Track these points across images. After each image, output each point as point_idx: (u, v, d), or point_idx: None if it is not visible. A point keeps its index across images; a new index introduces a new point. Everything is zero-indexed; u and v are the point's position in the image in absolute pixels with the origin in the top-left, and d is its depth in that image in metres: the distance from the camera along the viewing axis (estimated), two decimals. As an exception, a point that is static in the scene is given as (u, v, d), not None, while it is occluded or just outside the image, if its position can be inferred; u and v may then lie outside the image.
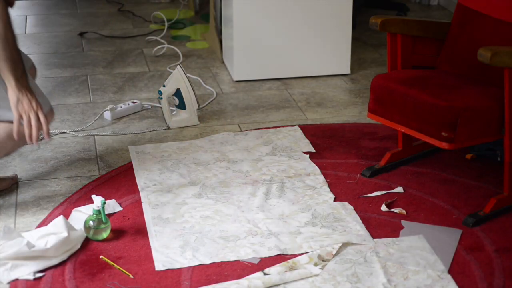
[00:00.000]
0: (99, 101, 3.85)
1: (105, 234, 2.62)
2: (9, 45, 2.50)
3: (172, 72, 3.56)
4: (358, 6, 4.88)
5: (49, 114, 2.72)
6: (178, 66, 3.52)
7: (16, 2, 2.92)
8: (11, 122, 2.59)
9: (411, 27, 3.05)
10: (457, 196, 2.94)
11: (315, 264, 2.48)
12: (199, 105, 3.62)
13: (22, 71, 2.54)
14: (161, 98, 3.49)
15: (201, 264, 2.50)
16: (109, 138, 3.45)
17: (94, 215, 2.60)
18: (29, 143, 2.53)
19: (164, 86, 3.49)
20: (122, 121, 3.64)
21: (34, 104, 2.53)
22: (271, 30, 4.06)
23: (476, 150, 3.20)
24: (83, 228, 2.64)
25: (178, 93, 3.53)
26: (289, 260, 2.50)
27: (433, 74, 2.99)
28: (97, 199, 2.69)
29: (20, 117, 2.51)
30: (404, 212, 2.82)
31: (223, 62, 4.40)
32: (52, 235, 2.52)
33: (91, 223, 2.60)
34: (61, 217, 2.61)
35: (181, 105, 3.56)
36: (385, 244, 2.61)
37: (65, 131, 3.49)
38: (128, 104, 3.72)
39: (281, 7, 4.02)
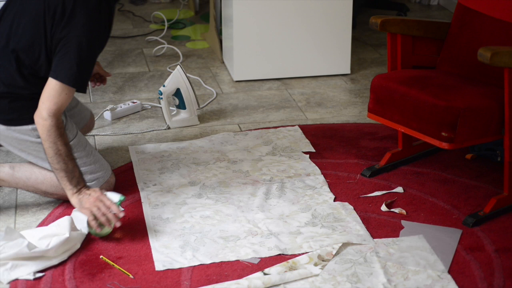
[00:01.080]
0: (99, 101, 3.85)
1: (108, 229, 2.62)
2: (62, 158, 2.62)
3: (172, 72, 3.56)
4: (358, 6, 4.88)
5: (91, 120, 3.00)
6: (178, 66, 3.52)
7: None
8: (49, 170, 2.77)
9: (411, 27, 3.05)
10: (457, 196, 2.94)
11: (315, 264, 2.48)
12: (199, 105, 3.62)
13: (78, 176, 2.65)
14: (161, 98, 3.49)
15: (201, 264, 2.50)
16: (109, 138, 3.45)
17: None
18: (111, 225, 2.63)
19: (164, 86, 3.49)
20: (122, 121, 3.64)
21: (96, 195, 2.62)
22: (271, 30, 4.06)
23: (476, 150, 3.20)
24: (83, 229, 2.64)
25: (178, 93, 3.53)
26: (289, 260, 2.50)
27: (433, 74, 2.99)
28: (115, 196, 2.67)
29: (93, 215, 2.60)
30: (404, 212, 2.82)
31: (223, 62, 4.40)
32: (55, 236, 2.52)
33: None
34: (65, 218, 2.60)
35: (181, 105, 3.56)
36: (385, 244, 2.61)
37: (65, 131, 3.49)
38: (128, 104, 3.72)
39: (281, 7, 4.02)
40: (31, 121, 2.68)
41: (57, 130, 2.61)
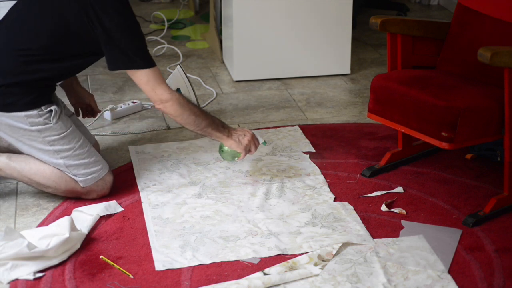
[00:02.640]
0: (99, 101, 3.85)
1: (237, 158, 2.94)
2: (201, 115, 2.83)
3: (172, 72, 3.55)
4: (358, 6, 4.88)
5: (96, 146, 3.09)
6: (178, 66, 3.51)
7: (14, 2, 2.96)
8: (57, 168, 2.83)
9: (411, 27, 3.05)
10: (457, 196, 2.94)
11: (315, 264, 2.48)
12: (199, 105, 3.61)
13: (218, 122, 2.89)
14: None
15: (201, 264, 2.50)
16: (109, 138, 3.45)
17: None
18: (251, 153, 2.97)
19: None
20: (122, 121, 3.64)
21: (249, 137, 2.91)
22: (271, 30, 4.06)
23: (476, 150, 3.20)
24: (83, 229, 2.64)
25: None
26: (289, 260, 2.50)
27: (433, 74, 2.99)
28: (260, 138, 2.96)
29: (246, 150, 2.93)
30: (404, 212, 2.82)
31: (223, 62, 4.40)
32: (55, 236, 2.52)
33: (225, 148, 2.91)
34: (66, 218, 2.61)
35: None
36: (385, 244, 2.61)
37: (65, 131, 3.49)
38: (128, 104, 3.72)
39: (281, 7, 4.02)
40: (25, 108, 2.71)
41: (183, 98, 2.80)
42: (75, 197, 2.87)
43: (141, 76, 2.74)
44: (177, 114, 2.77)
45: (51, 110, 2.76)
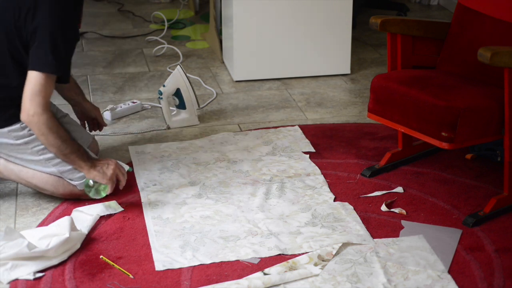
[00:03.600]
0: (99, 101, 3.85)
1: (103, 193, 2.76)
2: (68, 142, 2.70)
3: (172, 72, 3.55)
4: (358, 6, 4.88)
5: (94, 145, 3.07)
6: (178, 66, 3.51)
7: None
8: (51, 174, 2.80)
9: (411, 27, 3.05)
10: (457, 196, 2.94)
11: (315, 264, 2.48)
12: (199, 105, 3.62)
13: (83, 151, 2.76)
14: (161, 98, 3.49)
15: (201, 264, 2.50)
16: (109, 138, 3.45)
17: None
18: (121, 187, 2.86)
19: (164, 86, 3.49)
20: (122, 121, 3.64)
21: (114, 167, 2.78)
22: (271, 30, 4.06)
23: (476, 150, 3.20)
24: (83, 229, 2.64)
25: (178, 93, 3.53)
26: (289, 260, 2.50)
27: (433, 74, 2.99)
28: (124, 166, 2.83)
29: (112, 181, 2.79)
30: (404, 212, 2.82)
31: (223, 62, 4.40)
32: (55, 236, 2.52)
33: (91, 182, 2.75)
34: (66, 218, 2.60)
35: (181, 105, 3.56)
36: (385, 244, 2.61)
37: (65, 131, 3.49)
38: (128, 104, 3.72)
39: (281, 7, 4.02)
40: (6, 124, 2.70)
41: (54, 120, 2.65)
42: (75, 198, 2.87)
43: (34, 76, 2.59)
44: (41, 134, 2.63)
45: None
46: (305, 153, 3.29)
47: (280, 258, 2.53)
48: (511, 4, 2.94)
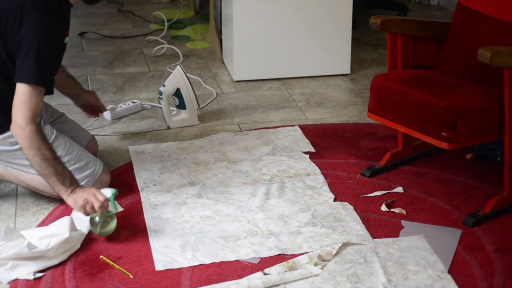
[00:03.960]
0: (99, 101, 3.85)
1: (113, 225, 2.58)
2: (49, 162, 2.59)
3: (172, 72, 3.55)
4: (358, 6, 4.88)
5: (93, 143, 3.03)
6: (178, 66, 3.51)
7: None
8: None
9: (411, 27, 3.05)
10: (457, 196, 2.94)
11: (315, 264, 2.48)
12: (199, 105, 3.62)
13: (68, 177, 2.63)
14: (161, 98, 3.49)
15: (201, 264, 2.50)
16: (109, 138, 3.45)
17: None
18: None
19: (164, 86, 3.49)
20: (122, 121, 3.64)
21: (86, 195, 2.60)
22: (271, 30, 4.06)
23: (476, 150, 3.20)
24: (83, 229, 2.64)
25: (178, 93, 3.53)
26: (289, 260, 2.50)
27: (433, 74, 2.99)
28: (107, 191, 2.66)
29: (83, 210, 2.61)
30: (404, 212, 2.82)
31: (223, 62, 4.40)
32: (55, 236, 2.52)
33: (97, 218, 2.57)
34: (66, 218, 2.60)
35: (181, 105, 3.56)
36: (385, 244, 2.61)
37: (65, 131, 3.49)
38: (128, 104, 3.72)
39: (281, 7, 4.02)
40: (0, 131, 2.69)
41: (38, 135, 2.58)
42: None
43: (21, 88, 2.56)
44: (25, 146, 2.58)
45: None
46: (305, 153, 3.29)
47: (280, 258, 2.53)
48: (511, 4, 2.94)
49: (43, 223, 2.74)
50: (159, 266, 2.49)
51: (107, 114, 3.64)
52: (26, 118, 2.55)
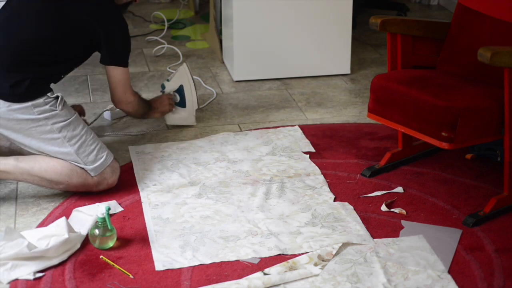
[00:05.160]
0: (99, 101, 3.86)
1: (111, 243, 2.58)
2: (142, 105, 3.30)
3: (175, 71, 3.55)
4: (358, 6, 4.88)
5: (113, 168, 2.98)
6: (185, 63, 3.52)
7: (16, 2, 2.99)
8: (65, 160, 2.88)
9: (411, 27, 3.05)
10: (457, 196, 2.94)
11: (315, 264, 2.48)
12: (198, 106, 3.61)
13: (144, 101, 3.32)
14: (163, 91, 3.49)
15: (201, 264, 2.50)
16: (109, 138, 3.45)
17: (100, 223, 2.56)
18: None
19: (168, 80, 3.49)
20: (122, 121, 3.64)
21: (164, 105, 3.44)
22: (271, 30, 4.06)
23: (476, 150, 3.20)
24: (82, 231, 2.64)
25: (180, 90, 3.53)
26: (289, 260, 2.50)
27: (433, 74, 2.99)
28: (102, 206, 2.68)
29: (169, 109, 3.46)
30: (404, 212, 2.82)
31: (223, 62, 4.40)
32: (54, 236, 2.52)
33: (97, 231, 2.56)
34: (63, 219, 2.61)
35: (181, 103, 3.55)
36: (385, 244, 2.61)
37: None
38: (128, 104, 3.71)
39: (281, 7, 4.02)
40: (31, 98, 2.79)
41: (139, 97, 3.25)
42: (86, 192, 2.87)
43: (119, 74, 3.05)
44: (134, 110, 3.22)
45: (57, 97, 2.86)
46: (305, 153, 3.29)
47: (280, 258, 2.53)
48: (511, 4, 2.94)
49: (43, 223, 2.74)
50: (159, 266, 2.49)
51: (107, 114, 3.64)
52: (132, 92, 3.16)
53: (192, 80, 3.51)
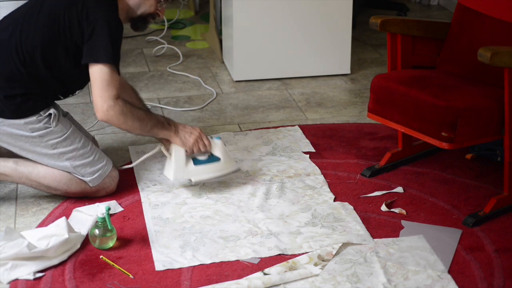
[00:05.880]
0: (99, 101, 3.85)
1: (111, 243, 2.58)
2: (145, 119, 2.77)
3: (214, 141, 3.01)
4: (358, 6, 4.88)
5: (94, 143, 2.93)
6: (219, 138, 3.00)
7: (16, 2, 2.97)
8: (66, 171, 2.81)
9: (411, 27, 3.05)
10: (457, 196, 2.94)
11: (315, 264, 2.48)
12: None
13: (162, 120, 2.83)
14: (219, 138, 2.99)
15: (201, 264, 2.50)
16: (109, 138, 3.45)
17: (100, 223, 2.56)
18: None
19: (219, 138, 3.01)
20: (122, 121, 3.63)
21: (195, 136, 2.85)
22: (271, 30, 4.06)
23: (476, 150, 3.20)
24: (82, 231, 2.64)
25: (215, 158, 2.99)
26: (289, 260, 2.50)
27: (433, 74, 2.99)
28: (102, 206, 2.68)
29: (191, 150, 2.87)
30: (404, 212, 2.82)
31: (223, 62, 4.40)
32: (54, 236, 2.52)
33: (97, 231, 2.56)
34: (63, 219, 2.61)
35: (212, 159, 2.97)
36: (385, 244, 2.61)
37: (65, 131, 3.49)
38: (128, 104, 3.71)
39: (281, 7, 4.02)
40: (23, 115, 2.72)
41: (127, 105, 2.71)
42: (84, 197, 2.87)
43: (96, 72, 2.65)
44: (120, 123, 2.71)
45: (50, 114, 2.77)
46: (305, 153, 3.29)
47: (280, 258, 2.53)
48: (511, 4, 2.94)
49: (43, 223, 2.74)
50: (159, 266, 2.49)
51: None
52: (114, 96, 2.66)
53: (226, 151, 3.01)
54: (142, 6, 2.82)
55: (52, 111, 2.77)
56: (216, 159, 2.93)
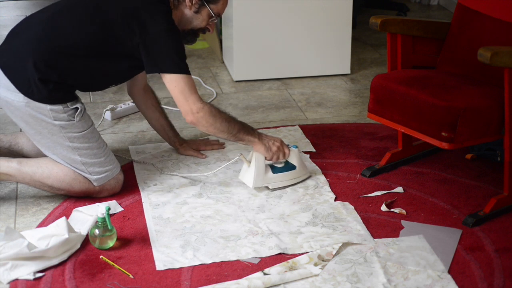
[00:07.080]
0: (99, 101, 3.86)
1: (111, 243, 2.58)
2: (232, 122, 2.82)
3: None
4: (358, 6, 4.88)
5: (117, 180, 2.91)
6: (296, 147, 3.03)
7: (16, 2, 2.97)
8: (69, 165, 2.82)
9: (411, 27, 3.05)
10: (457, 196, 2.94)
11: (315, 264, 2.48)
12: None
13: (247, 126, 2.88)
14: (295, 147, 3.02)
15: (201, 264, 2.50)
16: (109, 138, 3.45)
17: (100, 223, 2.56)
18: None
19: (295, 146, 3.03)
20: (122, 121, 3.64)
21: (278, 144, 2.91)
22: (271, 30, 4.06)
23: (476, 150, 3.20)
24: (82, 231, 2.64)
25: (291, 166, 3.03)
26: (289, 260, 2.50)
27: (433, 74, 2.99)
28: (102, 206, 2.68)
29: (275, 157, 2.92)
30: (404, 212, 2.82)
31: (223, 62, 4.40)
32: (54, 236, 2.52)
33: (97, 231, 2.56)
34: (63, 219, 2.61)
35: (288, 167, 3.00)
36: (385, 244, 2.61)
37: (65, 131, 3.49)
38: (128, 104, 3.72)
39: (281, 7, 4.02)
40: (50, 102, 2.73)
41: (214, 108, 2.79)
42: (86, 196, 2.87)
43: (175, 82, 2.73)
44: (210, 124, 2.76)
45: (76, 108, 2.79)
46: (306, 153, 3.29)
47: (280, 258, 2.54)
48: (511, 4, 2.94)
49: (43, 223, 2.74)
50: (160, 265, 2.49)
51: (107, 114, 3.64)
52: (199, 100, 2.74)
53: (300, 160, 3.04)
54: (195, 20, 2.86)
55: (79, 105, 2.79)
56: (293, 167, 2.98)
